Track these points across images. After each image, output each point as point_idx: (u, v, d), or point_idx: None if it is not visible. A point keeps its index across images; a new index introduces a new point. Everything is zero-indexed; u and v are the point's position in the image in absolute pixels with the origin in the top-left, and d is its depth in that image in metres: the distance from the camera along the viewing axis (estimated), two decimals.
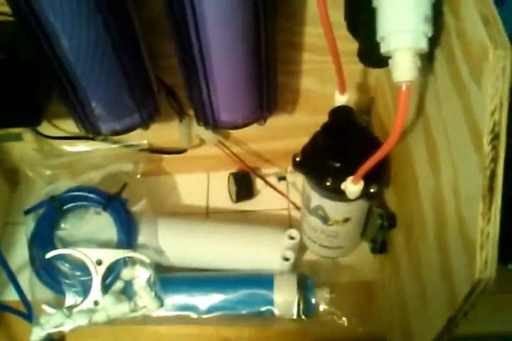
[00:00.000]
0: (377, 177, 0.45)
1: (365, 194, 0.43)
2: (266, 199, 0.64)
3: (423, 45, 0.32)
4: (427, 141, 0.38)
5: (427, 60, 0.36)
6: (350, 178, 0.42)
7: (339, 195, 0.45)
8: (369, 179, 0.43)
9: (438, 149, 0.36)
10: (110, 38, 0.42)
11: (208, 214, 0.64)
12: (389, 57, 0.33)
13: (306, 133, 0.51)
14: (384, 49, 0.33)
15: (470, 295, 0.30)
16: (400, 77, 0.32)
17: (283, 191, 0.64)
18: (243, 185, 0.63)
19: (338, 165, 0.44)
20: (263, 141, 0.63)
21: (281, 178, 0.66)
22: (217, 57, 0.44)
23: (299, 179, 0.65)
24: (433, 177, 0.37)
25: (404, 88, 0.32)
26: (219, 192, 0.65)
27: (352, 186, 0.42)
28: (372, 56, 0.41)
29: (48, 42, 0.41)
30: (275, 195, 0.64)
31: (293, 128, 0.61)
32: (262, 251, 0.55)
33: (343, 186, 0.43)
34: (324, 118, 0.60)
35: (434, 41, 0.34)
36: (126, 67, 0.45)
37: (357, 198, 0.44)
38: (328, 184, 0.45)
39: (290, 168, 0.66)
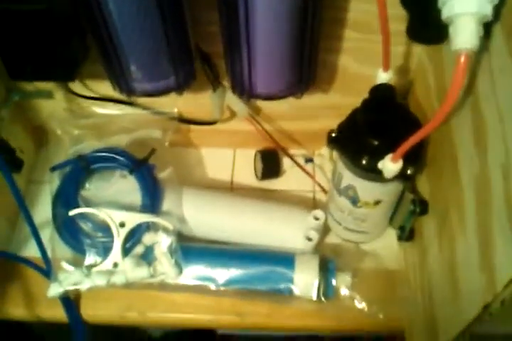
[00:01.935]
0: (416, 158, 0.43)
1: (401, 175, 0.42)
2: (291, 180, 0.63)
3: (488, 12, 0.30)
4: (474, 119, 0.37)
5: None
6: (389, 156, 0.41)
7: (374, 175, 0.43)
8: (407, 159, 0.41)
9: (487, 127, 0.34)
10: None
11: (231, 190, 0.63)
12: (441, 32, 0.32)
13: (338, 115, 0.50)
14: (445, 14, 0.31)
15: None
16: (461, 43, 0.30)
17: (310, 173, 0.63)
18: (270, 163, 0.62)
19: (376, 142, 0.43)
20: (293, 120, 0.62)
21: (309, 160, 0.64)
22: (262, 27, 0.43)
23: (325, 162, 0.64)
24: (478, 158, 0.36)
25: (463, 57, 0.30)
26: (244, 168, 0.64)
27: (391, 164, 0.40)
28: (424, 30, 0.40)
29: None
30: (301, 176, 0.63)
31: (325, 108, 0.59)
32: (286, 229, 0.54)
33: (380, 164, 0.42)
34: (358, 100, 0.59)
35: (494, 13, 0.32)
36: (169, 28, 0.44)
37: (392, 179, 0.43)
38: (364, 162, 0.43)
39: (317, 151, 0.66)
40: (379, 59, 0.52)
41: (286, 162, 0.64)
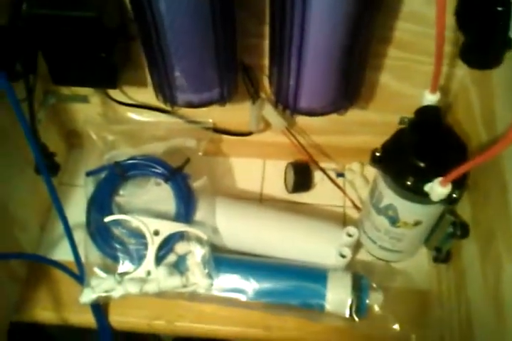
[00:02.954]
0: (462, 182, 0.43)
1: (447, 198, 0.42)
2: (321, 194, 0.63)
3: None
4: None
5: None
6: (438, 179, 0.40)
7: (418, 196, 0.43)
8: (454, 183, 0.41)
9: None
10: (210, 5, 0.41)
11: (261, 201, 0.62)
12: (498, 58, 0.32)
13: (373, 132, 0.50)
14: None
15: None
16: None
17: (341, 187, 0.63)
18: (302, 176, 0.62)
19: (423, 164, 0.42)
20: (327, 135, 0.62)
21: (340, 175, 0.64)
22: (314, 42, 0.43)
23: (356, 177, 0.64)
24: None
25: None
26: (274, 180, 0.64)
27: (439, 188, 0.40)
28: (481, 56, 0.40)
29: (148, 2, 0.41)
30: (331, 190, 0.63)
31: (360, 125, 0.59)
32: (318, 245, 0.54)
33: (427, 187, 0.42)
34: (394, 118, 0.59)
35: None
36: (219, 39, 0.45)
37: (436, 202, 0.43)
38: (409, 183, 0.43)
39: (348, 166, 0.65)
40: (418, 79, 0.52)
41: (316, 176, 0.64)
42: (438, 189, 0.40)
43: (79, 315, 0.52)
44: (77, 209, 0.55)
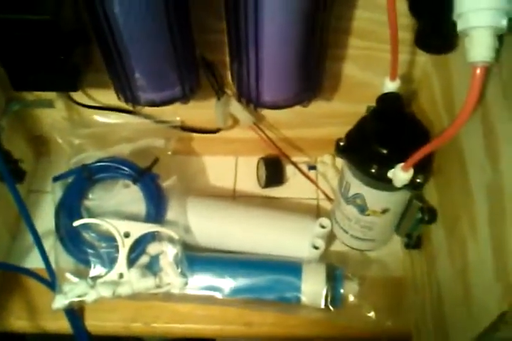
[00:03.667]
0: (425, 167, 0.43)
1: (411, 183, 0.42)
2: (294, 188, 0.63)
3: (503, 25, 0.30)
4: (485, 127, 0.37)
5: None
6: (400, 165, 0.41)
7: (383, 183, 0.44)
8: (417, 168, 0.41)
9: (498, 137, 0.34)
10: (164, 4, 0.41)
11: (234, 198, 0.62)
12: (451, 42, 0.32)
13: (341, 123, 0.50)
14: (461, 26, 0.31)
15: None
16: (477, 56, 0.30)
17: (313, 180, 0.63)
18: (273, 171, 0.62)
19: (385, 152, 0.43)
20: (296, 128, 0.62)
21: (311, 167, 0.64)
22: (270, 35, 0.43)
23: (328, 169, 0.64)
24: (489, 167, 0.36)
25: (479, 70, 0.31)
26: (247, 176, 0.64)
27: (401, 173, 0.40)
28: (434, 40, 0.41)
29: (100, 2, 0.40)
30: (304, 183, 0.63)
31: (328, 117, 0.59)
32: (291, 238, 0.53)
33: (390, 173, 0.42)
34: (361, 108, 0.59)
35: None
36: (175, 36, 0.44)
37: (401, 188, 0.43)
38: (373, 171, 0.43)
39: (320, 158, 0.66)
40: (382, 67, 0.52)
41: (288, 169, 0.64)
42: (400, 174, 0.40)
43: (54, 322, 0.51)
44: (48, 216, 0.54)
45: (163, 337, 0.81)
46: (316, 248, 0.52)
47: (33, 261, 0.54)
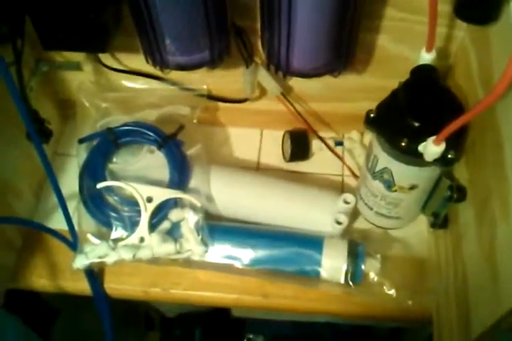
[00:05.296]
0: (457, 142, 0.42)
1: (442, 158, 0.41)
2: (319, 163, 0.62)
3: None
4: None
5: None
6: (431, 138, 0.39)
7: (412, 158, 0.42)
8: (449, 143, 0.40)
9: None
10: None
11: (258, 170, 0.62)
12: (493, 12, 0.30)
13: (371, 98, 0.48)
14: None
15: None
16: None
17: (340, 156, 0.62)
18: (299, 145, 0.61)
19: (417, 124, 0.41)
20: (324, 101, 0.60)
21: (338, 143, 0.63)
22: (304, 1, 0.41)
23: (355, 146, 0.63)
24: None
25: None
26: (271, 150, 0.63)
27: (433, 147, 0.39)
28: (474, 10, 0.39)
29: None
30: (330, 159, 0.61)
31: (358, 91, 0.58)
32: (314, 212, 0.53)
33: (421, 147, 0.40)
34: (393, 83, 0.57)
35: None
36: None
37: (431, 163, 0.42)
38: (403, 144, 0.42)
39: (347, 134, 0.64)
40: (417, 40, 0.50)
41: (315, 144, 0.62)
42: (431, 148, 0.39)
43: (74, 283, 0.52)
44: (72, 179, 0.54)
45: (178, 307, 0.82)
46: (339, 223, 0.51)
47: (56, 223, 0.55)
